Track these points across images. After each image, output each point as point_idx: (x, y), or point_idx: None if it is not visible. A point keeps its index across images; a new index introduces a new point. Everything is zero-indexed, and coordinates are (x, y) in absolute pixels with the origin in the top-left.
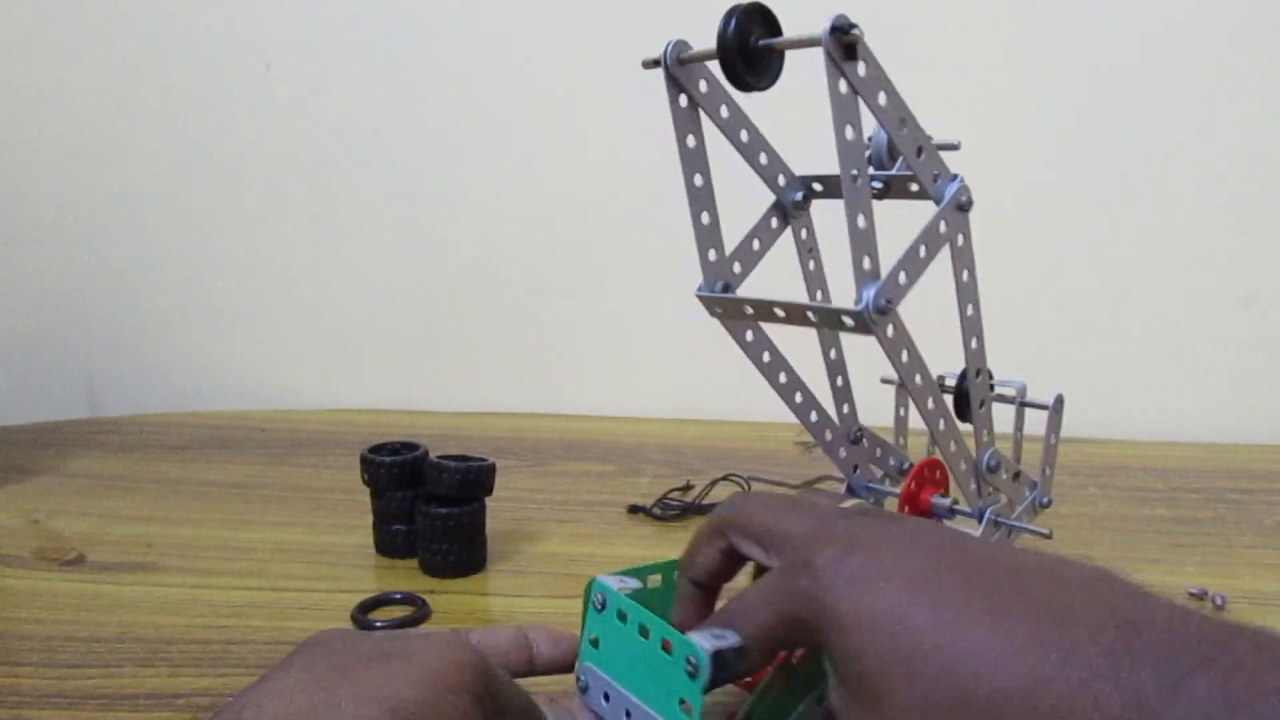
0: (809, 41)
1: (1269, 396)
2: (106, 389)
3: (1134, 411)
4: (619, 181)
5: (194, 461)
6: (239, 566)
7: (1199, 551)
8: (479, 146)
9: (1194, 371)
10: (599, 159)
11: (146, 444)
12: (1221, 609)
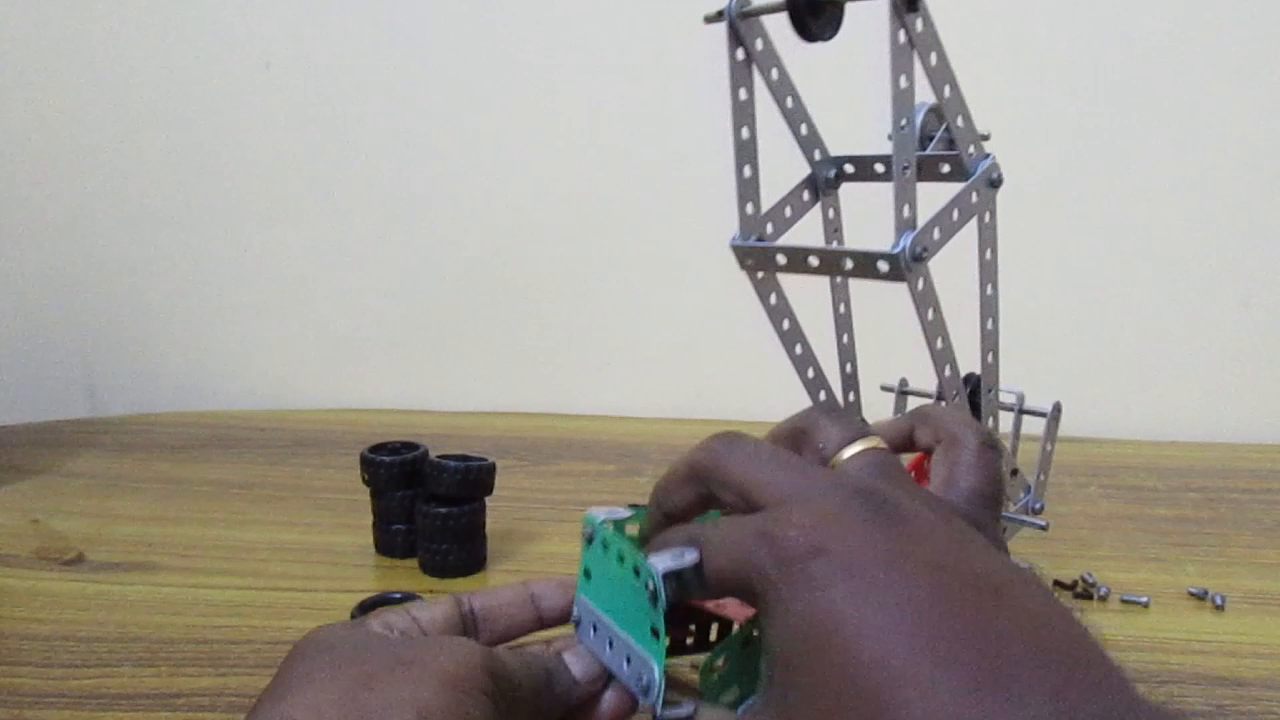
0: None
1: (1269, 396)
2: (106, 389)
3: (1134, 411)
4: (620, 182)
5: (194, 461)
6: (239, 566)
7: (1199, 551)
8: (479, 146)
9: (1194, 371)
10: (600, 159)
11: (146, 444)
12: (1221, 609)
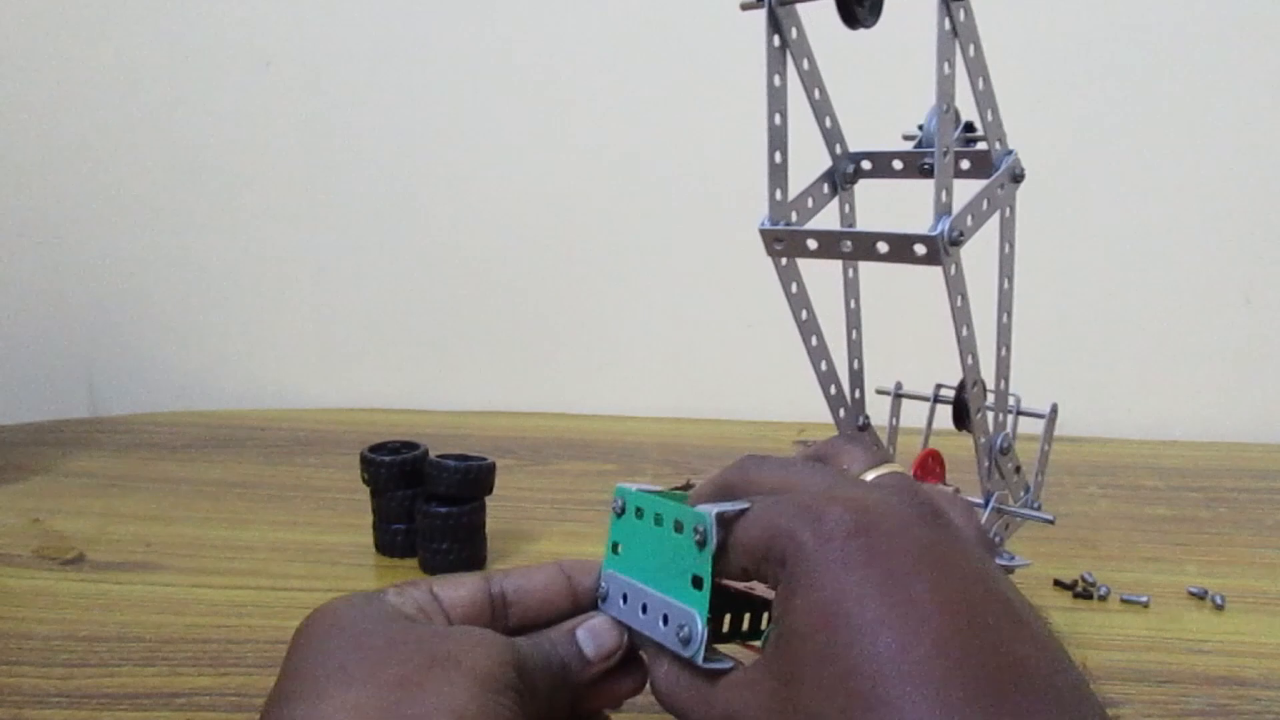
0: None
1: (1269, 396)
2: (106, 389)
3: (1134, 411)
4: (620, 182)
5: (194, 461)
6: (239, 566)
7: (1199, 551)
8: (479, 146)
9: (1194, 371)
10: (600, 159)
11: (146, 444)
12: (1221, 609)
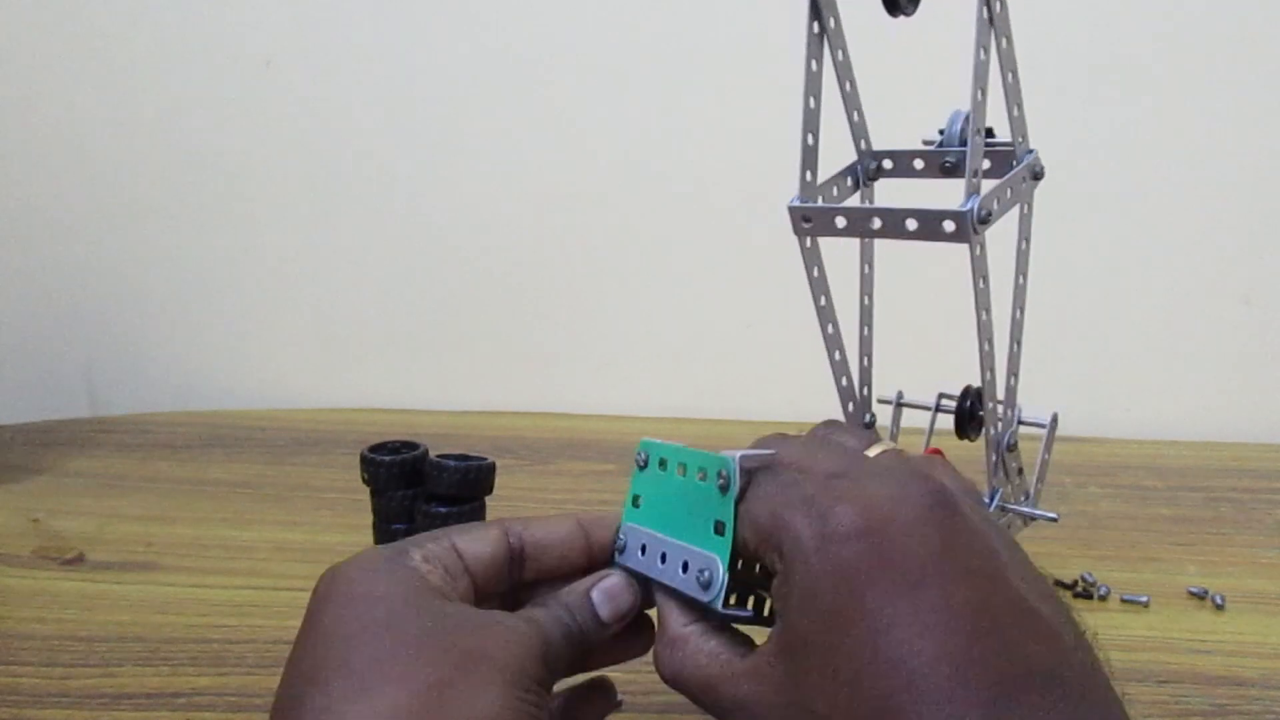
0: None
1: (1269, 396)
2: (106, 389)
3: (1134, 410)
4: (620, 181)
5: (194, 461)
6: (239, 566)
7: (1199, 551)
8: (479, 145)
9: (1194, 370)
10: (600, 159)
11: (146, 444)
12: (1221, 609)
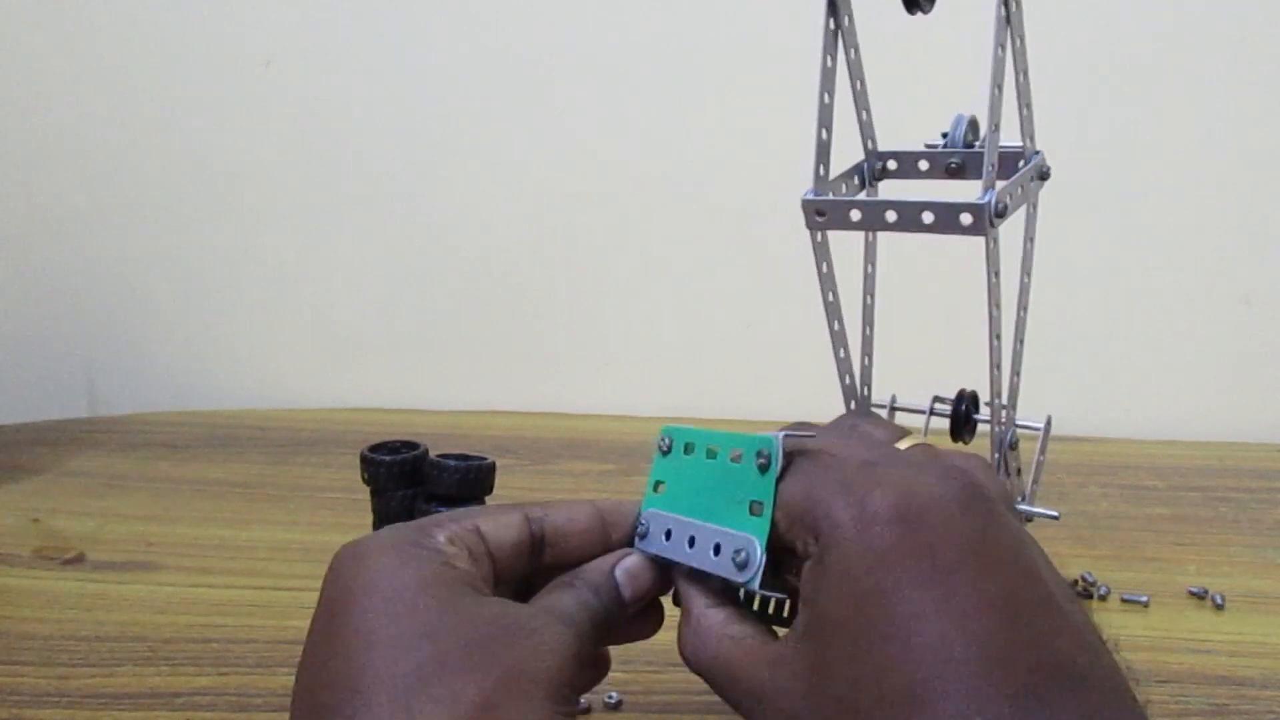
0: None
1: (1269, 396)
2: (106, 388)
3: (1134, 410)
4: (620, 181)
5: (194, 461)
6: (239, 565)
7: (1199, 550)
8: (479, 145)
9: (1194, 370)
10: (601, 159)
11: (146, 443)
12: (1221, 608)
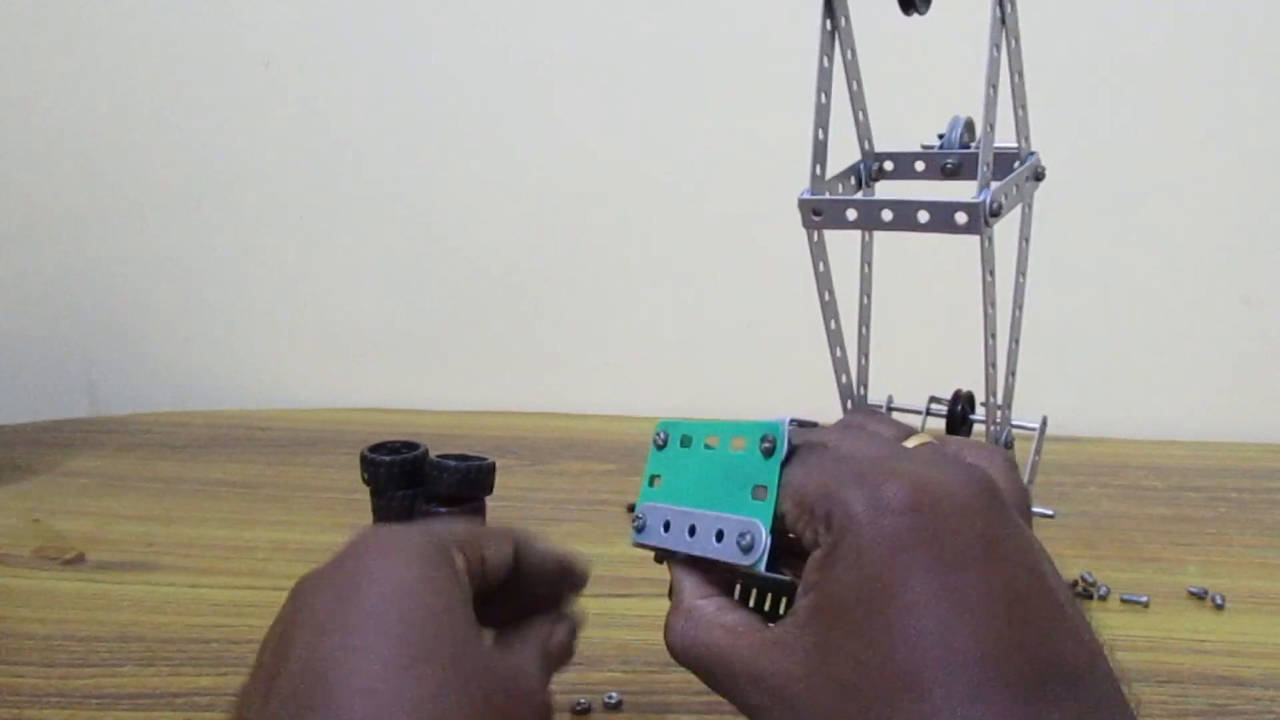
0: None
1: (1269, 395)
2: (106, 388)
3: (1134, 410)
4: (620, 181)
5: (194, 460)
6: (239, 565)
7: (1199, 550)
8: (479, 145)
9: (1194, 370)
10: (600, 159)
11: (146, 443)
12: (1221, 608)
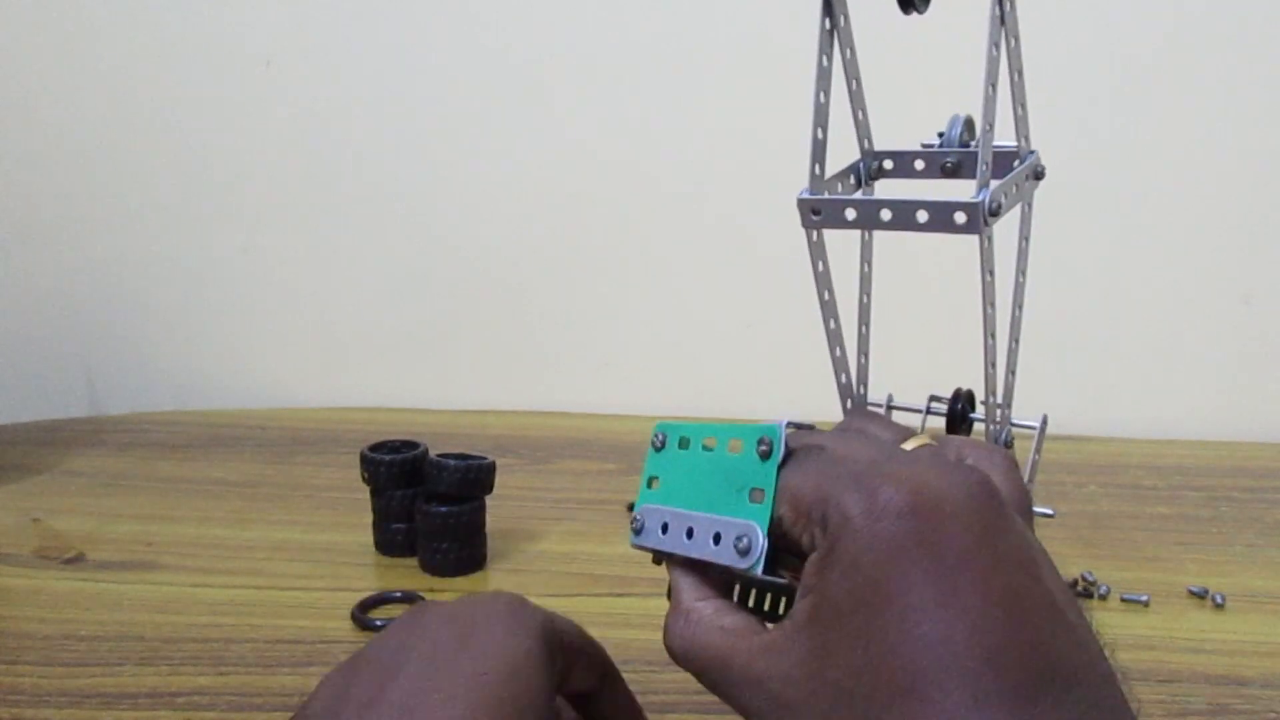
0: None
1: (1269, 395)
2: (106, 388)
3: (1134, 409)
4: (620, 181)
5: (194, 460)
6: (239, 565)
7: (1199, 550)
8: (479, 145)
9: (1194, 369)
10: (601, 159)
11: (146, 443)
12: (1221, 608)
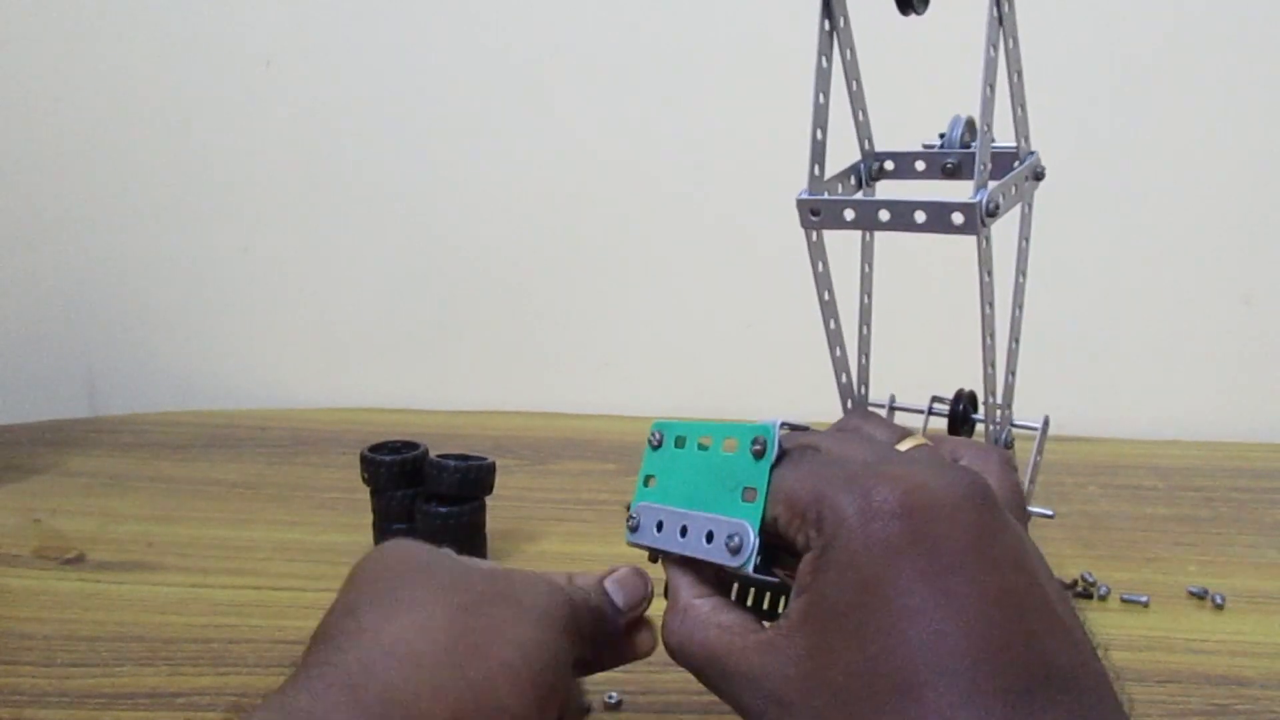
0: None
1: (1269, 395)
2: (107, 388)
3: (1134, 410)
4: (621, 182)
5: (194, 460)
6: (239, 565)
7: (1199, 550)
8: (478, 145)
9: (1194, 370)
10: (601, 159)
11: (147, 443)
12: (1221, 608)
